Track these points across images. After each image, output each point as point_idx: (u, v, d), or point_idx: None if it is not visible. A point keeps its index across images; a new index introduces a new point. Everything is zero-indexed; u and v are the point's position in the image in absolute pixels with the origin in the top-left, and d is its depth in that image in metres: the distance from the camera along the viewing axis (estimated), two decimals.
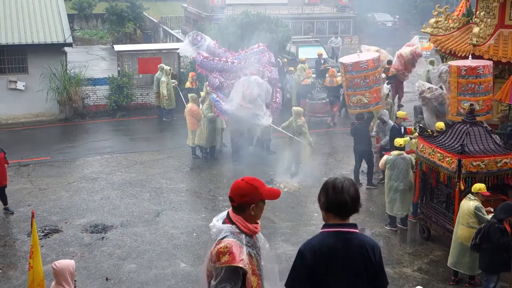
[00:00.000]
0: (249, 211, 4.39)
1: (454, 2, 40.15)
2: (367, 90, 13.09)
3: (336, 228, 3.95)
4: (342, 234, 3.93)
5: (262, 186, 4.44)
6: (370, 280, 3.97)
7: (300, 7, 34.87)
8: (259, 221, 4.54)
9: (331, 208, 3.93)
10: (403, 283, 9.54)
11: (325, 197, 3.94)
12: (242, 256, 4.28)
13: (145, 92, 20.47)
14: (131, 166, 14.91)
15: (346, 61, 13.35)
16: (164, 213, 12.16)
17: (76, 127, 18.64)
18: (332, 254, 3.89)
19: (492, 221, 8.50)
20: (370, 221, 11.86)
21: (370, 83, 13.07)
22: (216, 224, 4.51)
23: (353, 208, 3.93)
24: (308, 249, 3.95)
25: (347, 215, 3.96)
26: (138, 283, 9.45)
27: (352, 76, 12.99)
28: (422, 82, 14.14)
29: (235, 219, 4.42)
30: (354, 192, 3.89)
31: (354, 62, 13.03)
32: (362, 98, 13.10)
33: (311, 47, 24.20)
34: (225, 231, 4.40)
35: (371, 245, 3.98)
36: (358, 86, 13.03)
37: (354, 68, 12.95)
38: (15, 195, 12.93)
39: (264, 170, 14.30)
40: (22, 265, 9.88)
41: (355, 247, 3.91)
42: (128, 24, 33.21)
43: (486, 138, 10.05)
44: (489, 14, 13.30)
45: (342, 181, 3.92)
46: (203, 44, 15.52)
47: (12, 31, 18.94)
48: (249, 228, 4.40)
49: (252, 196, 4.36)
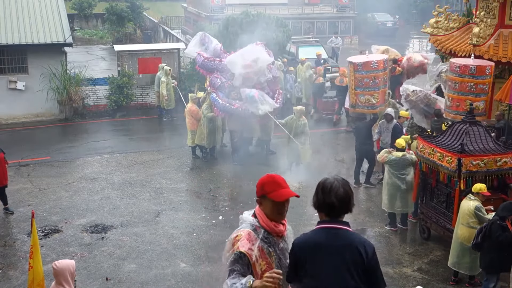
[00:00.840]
0: (259, 204, 4.37)
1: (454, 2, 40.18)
2: (376, 91, 13.12)
3: (326, 224, 4.05)
4: (331, 230, 4.02)
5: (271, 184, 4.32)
6: (363, 279, 3.97)
7: (300, 7, 34.89)
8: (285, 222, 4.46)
9: (321, 208, 4.05)
10: (403, 283, 9.54)
11: (316, 197, 4.08)
12: (251, 246, 4.23)
13: (145, 92, 20.47)
14: (131, 166, 14.91)
15: (356, 60, 13.36)
16: (164, 213, 12.16)
17: (76, 127, 18.64)
18: (317, 247, 4.00)
19: (494, 218, 8.51)
20: (370, 221, 11.86)
21: (379, 84, 13.12)
22: (244, 216, 4.48)
23: (342, 209, 3.99)
24: (297, 242, 4.14)
25: (337, 215, 4.03)
26: (138, 283, 9.45)
27: (362, 75, 13.03)
28: (406, 86, 14.02)
29: (257, 212, 4.40)
30: (343, 193, 3.95)
31: (364, 62, 13.08)
32: (370, 99, 13.13)
33: (311, 47, 24.23)
34: (246, 223, 4.39)
35: (362, 243, 4.00)
36: (367, 86, 13.04)
37: (365, 68, 13.00)
38: (15, 195, 12.94)
39: (264, 170, 14.29)
40: (22, 265, 9.88)
41: (342, 242, 3.97)
42: (128, 24, 33.21)
43: (485, 137, 10.06)
44: (489, 14, 13.30)
45: (332, 182, 3.99)
46: (209, 46, 15.57)
47: (12, 31, 18.94)
48: (268, 225, 4.34)
49: (257, 188, 4.35)
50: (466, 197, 9.24)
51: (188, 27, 36.72)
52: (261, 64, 14.45)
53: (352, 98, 13.56)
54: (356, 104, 13.48)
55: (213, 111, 14.77)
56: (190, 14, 36.82)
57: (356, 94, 13.33)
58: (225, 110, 14.40)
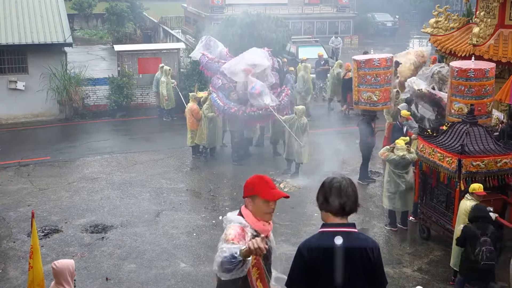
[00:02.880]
0: (247, 204, 4.57)
1: (454, 2, 40.18)
2: (377, 89, 13.21)
3: (334, 228, 3.94)
4: (340, 233, 3.92)
5: (263, 184, 4.52)
6: (369, 280, 3.96)
7: (300, 7, 34.89)
8: (270, 222, 4.67)
9: (329, 208, 3.93)
10: (403, 283, 9.53)
11: (323, 197, 3.95)
12: (241, 238, 4.39)
13: (145, 92, 20.47)
14: (131, 166, 14.91)
15: (359, 58, 13.53)
16: (164, 213, 12.16)
17: (76, 127, 18.63)
18: (329, 253, 3.87)
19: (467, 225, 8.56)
20: (370, 221, 11.86)
21: (381, 82, 13.19)
22: (228, 216, 4.65)
23: (351, 208, 3.93)
24: (306, 248, 3.96)
25: (346, 215, 3.95)
26: (138, 283, 9.44)
27: (364, 72, 13.17)
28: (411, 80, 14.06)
29: (244, 212, 4.58)
30: (352, 192, 3.90)
31: (367, 59, 13.29)
32: (372, 96, 13.21)
33: (311, 47, 24.25)
34: (234, 222, 4.55)
35: (370, 245, 3.97)
36: (369, 83, 13.16)
37: (367, 65, 13.13)
38: (15, 195, 12.94)
39: (264, 170, 14.29)
40: (22, 265, 9.87)
41: (354, 245, 3.91)
42: (128, 24, 33.22)
43: (486, 138, 10.05)
44: (489, 14, 13.30)
45: (340, 181, 3.91)
46: (214, 50, 15.58)
47: (12, 31, 18.94)
48: (256, 224, 4.53)
49: (246, 189, 4.56)
50: (464, 197, 9.25)
51: (188, 27, 36.73)
52: (259, 70, 14.42)
53: (355, 95, 13.66)
54: (359, 100, 13.57)
55: (214, 111, 14.77)
56: (190, 14, 36.82)
57: (359, 91, 13.43)
58: (223, 112, 14.43)
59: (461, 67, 11.18)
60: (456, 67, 11.29)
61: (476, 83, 11.17)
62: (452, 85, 11.40)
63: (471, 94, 11.18)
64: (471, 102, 11.01)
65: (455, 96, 11.39)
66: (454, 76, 11.32)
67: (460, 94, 11.28)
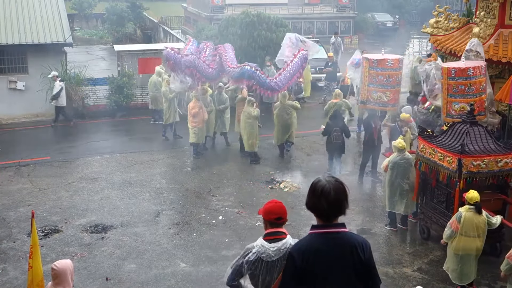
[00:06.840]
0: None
1: (454, 2, 40.16)
2: (389, 89, 13.25)
3: (322, 229, 3.92)
4: (328, 234, 3.89)
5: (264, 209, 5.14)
6: (361, 279, 3.93)
7: (300, 7, 34.90)
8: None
9: (313, 211, 3.93)
10: (403, 283, 9.53)
11: (307, 199, 3.95)
12: None
13: (145, 92, 20.44)
14: (131, 166, 14.91)
15: (371, 57, 13.55)
16: (164, 213, 12.16)
17: (76, 127, 18.62)
18: (319, 255, 3.85)
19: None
20: (370, 221, 11.85)
21: (392, 83, 13.25)
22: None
23: (334, 212, 3.86)
24: (296, 250, 3.95)
25: (329, 219, 3.89)
26: (138, 283, 9.44)
27: (376, 72, 13.20)
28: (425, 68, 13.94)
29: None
30: (334, 196, 3.80)
31: (380, 59, 13.29)
32: (382, 96, 13.23)
33: None
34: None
35: (359, 243, 3.93)
36: (380, 83, 13.16)
37: (380, 65, 13.14)
38: (15, 195, 12.94)
39: (264, 170, 14.31)
40: (22, 265, 9.87)
41: (343, 247, 3.88)
42: (128, 24, 33.21)
43: (486, 138, 10.05)
44: (489, 14, 13.28)
45: (323, 185, 3.84)
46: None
47: (12, 31, 18.94)
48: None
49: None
50: (467, 209, 8.86)
51: (188, 27, 36.73)
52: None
53: (363, 94, 13.64)
54: (368, 100, 13.56)
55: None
56: (190, 14, 36.82)
57: (368, 91, 13.43)
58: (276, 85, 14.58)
59: (459, 67, 11.19)
60: (453, 67, 11.27)
61: (476, 81, 11.22)
62: (450, 86, 11.35)
63: (472, 92, 11.21)
64: (472, 100, 11.07)
65: (454, 96, 11.36)
66: (451, 77, 11.27)
67: (461, 94, 11.27)
